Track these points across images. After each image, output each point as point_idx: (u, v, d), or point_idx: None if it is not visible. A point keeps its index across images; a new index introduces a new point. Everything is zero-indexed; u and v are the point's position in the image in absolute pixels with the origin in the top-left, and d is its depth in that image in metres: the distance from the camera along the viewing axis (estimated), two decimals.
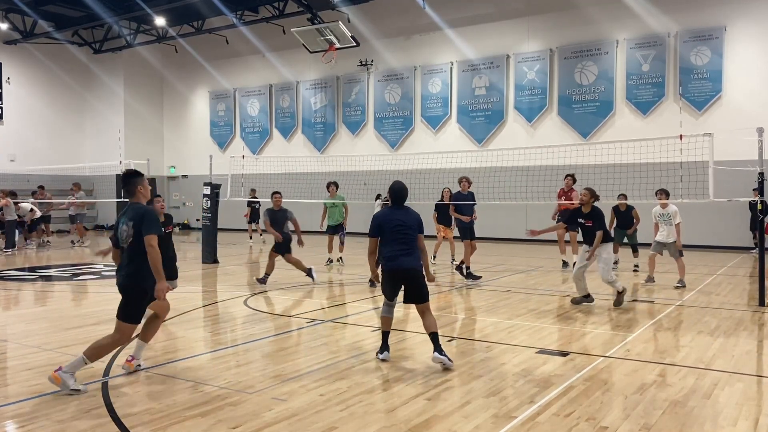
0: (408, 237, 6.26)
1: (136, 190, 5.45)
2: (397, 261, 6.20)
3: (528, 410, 4.82)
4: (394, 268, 6.22)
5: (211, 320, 8.62)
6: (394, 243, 6.23)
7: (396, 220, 6.28)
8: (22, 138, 26.78)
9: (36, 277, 13.23)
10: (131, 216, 5.30)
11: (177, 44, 28.10)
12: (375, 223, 6.36)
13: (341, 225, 14.18)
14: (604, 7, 19.98)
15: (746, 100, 18.01)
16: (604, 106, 20.15)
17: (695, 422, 4.61)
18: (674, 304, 9.35)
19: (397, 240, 6.23)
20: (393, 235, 6.23)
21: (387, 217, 6.33)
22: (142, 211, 5.28)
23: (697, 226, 18.63)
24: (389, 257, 6.23)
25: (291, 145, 26.50)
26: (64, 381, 5.12)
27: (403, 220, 6.29)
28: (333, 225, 14.16)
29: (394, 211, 6.37)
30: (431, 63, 23.16)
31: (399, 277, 6.26)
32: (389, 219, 6.30)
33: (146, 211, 5.30)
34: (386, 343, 6.32)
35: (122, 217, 5.40)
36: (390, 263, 6.24)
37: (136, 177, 5.50)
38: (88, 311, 9.15)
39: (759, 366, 6.44)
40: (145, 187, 5.53)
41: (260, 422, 4.55)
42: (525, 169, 17.24)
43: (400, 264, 6.19)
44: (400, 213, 6.36)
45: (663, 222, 11.26)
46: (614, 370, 5.96)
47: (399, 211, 6.38)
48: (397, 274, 6.24)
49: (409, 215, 6.38)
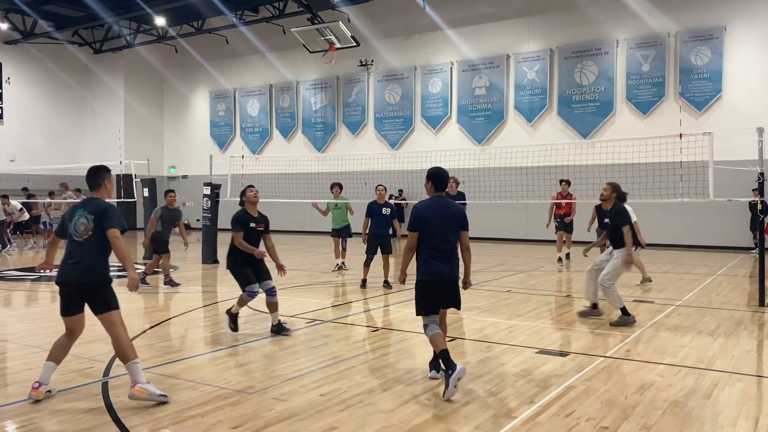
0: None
1: (102, 185, 5.37)
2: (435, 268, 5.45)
3: (528, 410, 4.81)
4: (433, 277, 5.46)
5: (211, 320, 8.62)
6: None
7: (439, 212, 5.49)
8: (22, 138, 26.78)
9: (36, 277, 13.23)
10: (92, 210, 5.19)
11: (177, 44, 28.10)
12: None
13: (346, 228, 13.47)
14: (604, 7, 19.98)
15: (746, 100, 18.01)
16: (604, 106, 20.15)
17: (695, 422, 4.60)
18: (674, 304, 9.34)
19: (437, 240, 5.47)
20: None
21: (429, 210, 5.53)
22: (105, 207, 5.21)
23: (697, 226, 18.64)
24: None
25: (291, 145, 26.50)
26: (149, 390, 4.94)
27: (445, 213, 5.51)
28: (337, 228, 13.45)
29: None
30: (431, 63, 23.16)
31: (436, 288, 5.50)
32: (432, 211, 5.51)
33: (109, 206, 5.24)
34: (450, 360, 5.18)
35: (79, 210, 5.26)
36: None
37: (105, 172, 5.41)
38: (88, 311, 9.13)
39: (759, 366, 6.44)
40: (111, 182, 5.48)
41: (260, 422, 4.55)
42: (525, 169, 17.24)
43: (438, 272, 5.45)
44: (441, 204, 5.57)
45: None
46: (614, 370, 5.96)
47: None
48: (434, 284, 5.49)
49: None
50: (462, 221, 5.62)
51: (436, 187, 5.68)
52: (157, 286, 11.43)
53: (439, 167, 5.77)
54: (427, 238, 5.49)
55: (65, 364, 6.06)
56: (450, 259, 5.52)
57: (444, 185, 5.73)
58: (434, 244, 5.47)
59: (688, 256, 16.57)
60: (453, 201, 5.80)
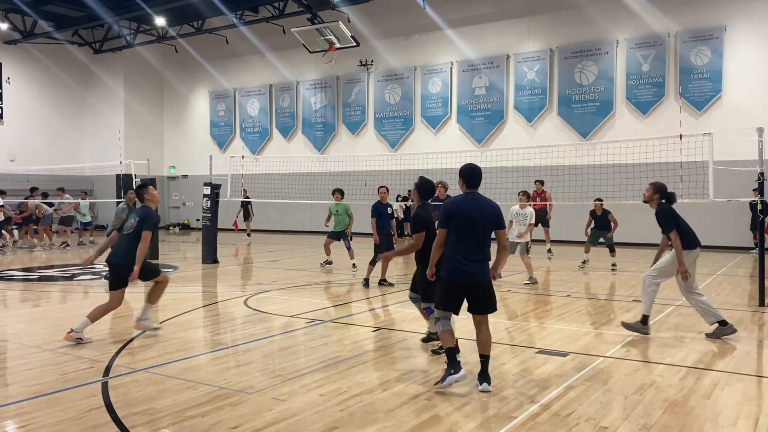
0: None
1: (143, 197, 7.45)
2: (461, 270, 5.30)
3: (528, 410, 4.82)
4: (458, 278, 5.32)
5: (211, 320, 8.62)
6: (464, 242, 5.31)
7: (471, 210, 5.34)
8: (22, 138, 26.78)
9: (36, 277, 13.24)
10: (139, 213, 7.21)
11: (177, 44, 28.10)
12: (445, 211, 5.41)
13: (344, 233, 13.56)
14: (604, 7, 19.98)
15: (746, 100, 18.01)
16: (604, 106, 20.15)
17: (695, 422, 4.61)
18: (674, 304, 9.34)
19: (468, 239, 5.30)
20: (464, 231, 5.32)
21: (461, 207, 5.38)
22: (147, 213, 7.17)
23: (697, 226, 18.44)
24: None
25: (291, 145, 26.50)
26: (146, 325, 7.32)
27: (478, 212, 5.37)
28: (336, 231, 13.61)
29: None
30: (431, 63, 23.16)
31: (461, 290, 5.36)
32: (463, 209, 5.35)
33: (150, 213, 7.18)
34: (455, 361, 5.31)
35: (132, 214, 7.45)
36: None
37: (143, 188, 7.50)
38: (88, 311, 9.13)
39: (759, 366, 6.44)
40: (151, 194, 7.43)
41: (260, 422, 4.55)
42: (525, 169, 17.24)
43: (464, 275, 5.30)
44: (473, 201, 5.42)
45: (518, 222, 11.48)
46: (614, 370, 5.96)
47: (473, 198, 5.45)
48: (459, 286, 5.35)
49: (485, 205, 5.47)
50: (497, 220, 5.49)
51: (468, 184, 5.52)
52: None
53: (472, 164, 5.60)
54: (457, 235, 5.31)
55: (65, 363, 6.08)
56: (480, 261, 5.34)
57: (477, 182, 5.53)
58: (464, 242, 5.29)
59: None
60: (487, 199, 5.59)
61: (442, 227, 5.39)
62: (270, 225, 25.06)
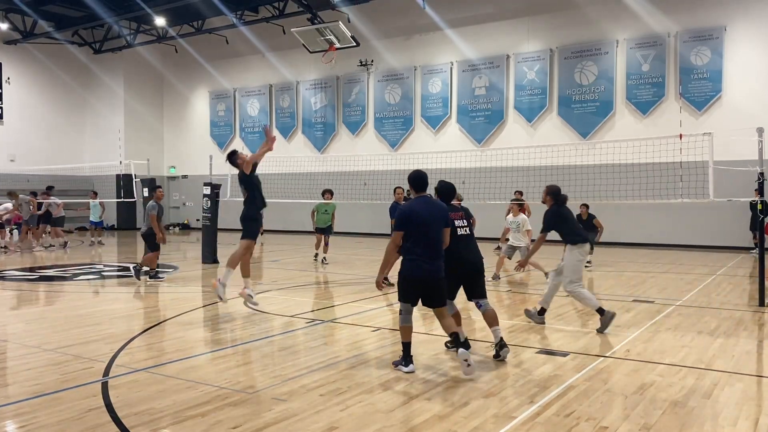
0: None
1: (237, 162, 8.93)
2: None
3: (528, 410, 4.81)
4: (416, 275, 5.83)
5: (211, 320, 8.62)
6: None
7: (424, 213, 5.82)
8: (22, 138, 26.78)
9: (36, 277, 13.24)
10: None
11: (177, 44, 28.10)
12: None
13: (330, 227, 15.19)
14: (604, 7, 19.99)
15: (746, 100, 18.01)
16: (604, 106, 20.15)
17: (695, 422, 4.61)
18: (674, 304, 9.35)
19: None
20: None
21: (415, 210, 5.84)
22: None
23: (697, 226, 18.66)
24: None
25: (291, 145, 26.49)
26: (219, 289, 8.37)
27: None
28: (322, 227, 15.10)
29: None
30: (431, 63, 23.16)
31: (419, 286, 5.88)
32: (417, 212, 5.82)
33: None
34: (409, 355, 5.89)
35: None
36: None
37: (235, 154, 9.25)
38: (88, 311, 9.15)
39: (759, 366, 6.44)
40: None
41: (260, 422, 4.55)
42: (525, 169, 17.25)
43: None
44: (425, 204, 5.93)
45: (514, 230, 12.32)
46: (614, 370, 5.96)
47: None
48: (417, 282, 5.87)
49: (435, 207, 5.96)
50: (445, 220, 5.97)
51: (416, 189, 6.04)
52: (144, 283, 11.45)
53: (418, 170, 6.07)
54: (413, 237, 5.78)
55: (65, 363, 6.08)
56: (434, 258, 5.82)
57: (424, 186, 6.03)
58: (420, 243, 5.76)
59: (688, 256, 16.57)
60: (437, 201, 6.16)
61: (399, 230, 5.86)
62: (270, 225, 24.98)
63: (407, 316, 5.88)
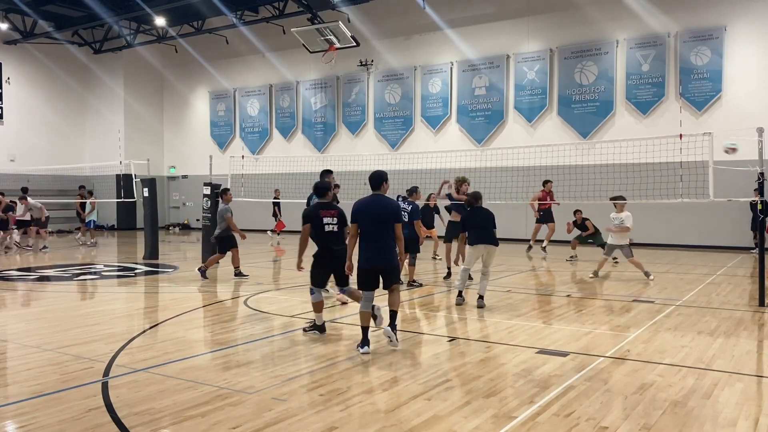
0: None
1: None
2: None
3: (528, 410, 4.81)
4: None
5: (211, 320, 8.62)
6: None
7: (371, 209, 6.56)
8: (22, 138, 26.78)
9: (36, 277, 13.24)
10: None
11: (177, 44, 28.10)
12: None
13: None
14: (604, 7, 19.99)
15: (746, 100, 18.01)
16: (604, 106, 20.15)
17: (695, 422, 4.60)
18: (674, 304, 9.34)
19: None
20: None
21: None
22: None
23: (697, 226, 18.65)
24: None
25: (291, 145, 26.50)
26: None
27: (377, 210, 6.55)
28: None
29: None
30: (431, 63, 23.16)
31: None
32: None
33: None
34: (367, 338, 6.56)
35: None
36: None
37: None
38: (88, 311, 9.15)
39: (759, 366, 6.44)
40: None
41: (260, 422, 4.55)
42: (525, 169, 17.25)
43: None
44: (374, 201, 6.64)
45: (617, 224, 12.10)
46: (614, 370, 5.96)
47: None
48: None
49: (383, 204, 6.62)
50: (395, 216, 6.57)
51: (370, 187, 6.77)
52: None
53: (376, 171, 6.79)
54: (365, 230, 6.51)
55: (65, 363, 6.08)
56: (385, 248, 6.51)
57: (377, 185, 6.71)
58: (371, 235, 6.47)
59: (688, 256, 16.57)
60: (389, 199, 6.77)
61: (352, 222, 6.65)
62: (270, 225, 25.03)
63: (366, 303, 6.62)
